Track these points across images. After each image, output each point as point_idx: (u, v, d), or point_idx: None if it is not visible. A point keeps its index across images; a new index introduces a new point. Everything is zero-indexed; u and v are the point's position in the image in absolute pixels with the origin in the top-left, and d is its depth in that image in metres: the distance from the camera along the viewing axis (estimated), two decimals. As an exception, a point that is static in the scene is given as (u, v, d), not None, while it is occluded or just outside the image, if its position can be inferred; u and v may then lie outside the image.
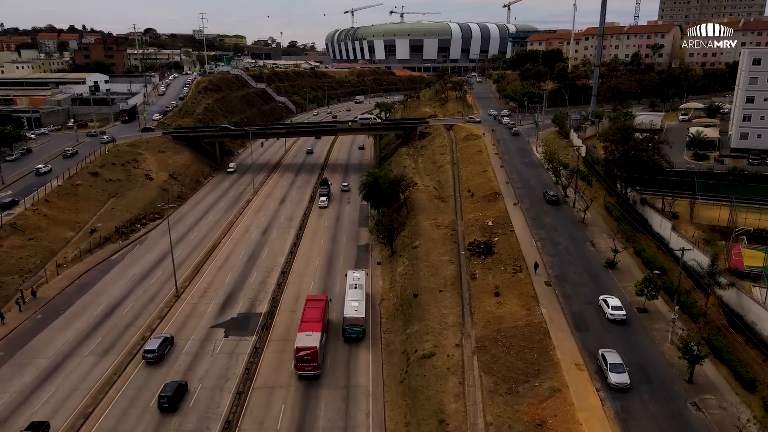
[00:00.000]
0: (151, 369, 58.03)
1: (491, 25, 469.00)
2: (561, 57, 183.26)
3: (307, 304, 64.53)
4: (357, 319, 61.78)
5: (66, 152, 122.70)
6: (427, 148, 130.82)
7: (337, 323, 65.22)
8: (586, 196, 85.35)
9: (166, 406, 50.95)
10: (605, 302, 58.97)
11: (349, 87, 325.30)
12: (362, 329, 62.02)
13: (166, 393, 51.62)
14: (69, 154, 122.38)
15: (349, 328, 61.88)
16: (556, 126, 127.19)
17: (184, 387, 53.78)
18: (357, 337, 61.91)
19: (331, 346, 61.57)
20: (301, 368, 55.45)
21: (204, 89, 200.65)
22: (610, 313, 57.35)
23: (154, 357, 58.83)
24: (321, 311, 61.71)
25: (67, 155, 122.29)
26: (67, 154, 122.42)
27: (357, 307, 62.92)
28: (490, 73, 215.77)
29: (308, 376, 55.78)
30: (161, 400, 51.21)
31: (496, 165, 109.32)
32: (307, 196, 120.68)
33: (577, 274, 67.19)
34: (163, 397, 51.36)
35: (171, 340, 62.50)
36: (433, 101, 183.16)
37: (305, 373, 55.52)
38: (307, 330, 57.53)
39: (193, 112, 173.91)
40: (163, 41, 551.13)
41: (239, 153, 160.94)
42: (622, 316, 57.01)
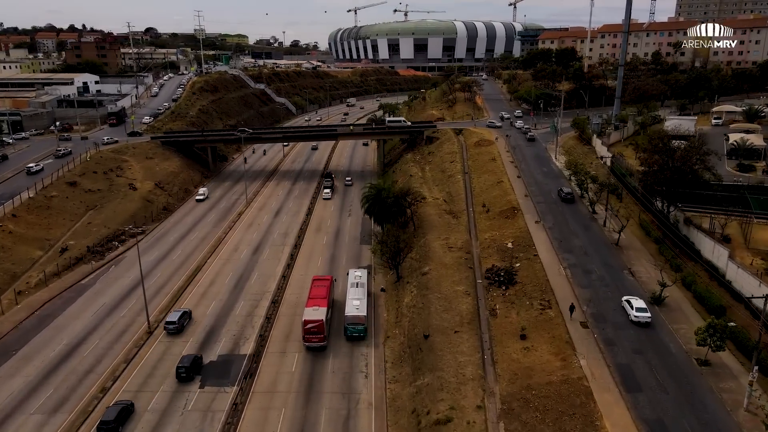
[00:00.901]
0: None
1: (497, 24, 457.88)
2: (575, 56, 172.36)
3: (313, 283, 68.74)
4: (358, 317, 61.36)
5: (29, 169, 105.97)
6: (435, 154, 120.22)
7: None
8: (619, 213, 74.52)
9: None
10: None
11: (352, 87, 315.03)
12: (364, 328, 61.57)
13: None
14: (36, 170, 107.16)
15: (350, 327, 61.48)
16: (576, 130, 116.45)
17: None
18: (359, 336, 61.38)
19: (333, 347, 60.44)
20: (308, 340, 59.72)
21: (199, 90, 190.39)
22: (666, 367, 46.88)
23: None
24: (327, 289, 66.40)
25: (52, 160, 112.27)
26: (30, 170, 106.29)
27: (358, 305, 62.66)
28: (500, 72, 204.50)
29: (315, 348, 59.78)
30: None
31: (512, 175, 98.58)
32: (305, 207, 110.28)
33: (619, 313, 56.49)
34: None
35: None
36: (439, 103, 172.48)
37: (312, 344, 59.77)
38: (314, 305, 61.68)
39: (186, 114, 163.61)
40: (164, 41, 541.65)
41: (234, 158, 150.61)
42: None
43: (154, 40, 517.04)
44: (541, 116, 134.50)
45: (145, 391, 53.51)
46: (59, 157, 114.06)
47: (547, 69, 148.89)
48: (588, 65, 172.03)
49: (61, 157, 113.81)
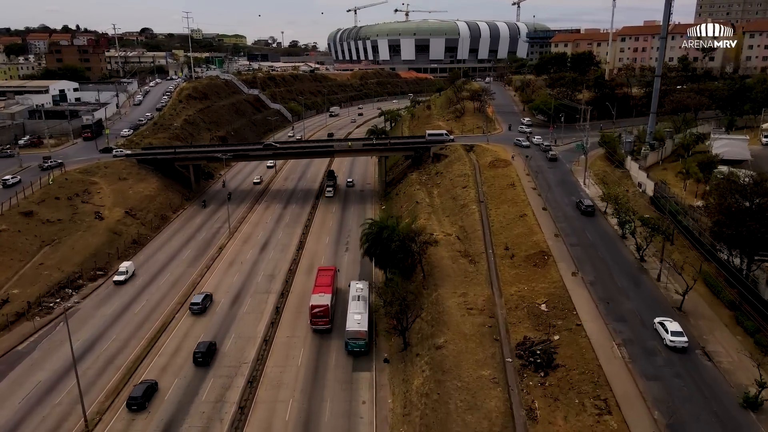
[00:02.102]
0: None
1: (500, 24, 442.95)
2: (593, 61, 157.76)
3: (318, 272, 74.14)
4: (359, 332, 60.32)
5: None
6: (444, 175, 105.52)
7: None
8: (677, 266, 59.70)
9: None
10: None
11: (351, 90, 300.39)
12: (365, 342, 60.47)
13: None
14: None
15: (351, 342, 60.45)
16: (605, 149, 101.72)
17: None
18: (360, 351, 60.17)
19: (335, 361, 59.72)
20: (315, 323, 64.40)
21: (187, 98, 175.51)
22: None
23: None
24: (331, 278, 70.97)
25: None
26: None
27: (360, 320, 61.47)
28: (510, 78, 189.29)
29: (321, 330, 64.50)
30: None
31: (536, 206, 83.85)
32: (296, 238, 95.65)
33: (705, 423, 41.89)
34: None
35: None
36: (445, 112, 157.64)
37: (319, 327, 64.45)
38: (320, 292, 66.45)
39: (170, 126, 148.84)
40: (160, 41, 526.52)
41: (221, 175, 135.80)
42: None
43: (149, 41, 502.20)
44: (562, 130, 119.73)
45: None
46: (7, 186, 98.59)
47: (567, 77, 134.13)
48: (608, 71, 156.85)
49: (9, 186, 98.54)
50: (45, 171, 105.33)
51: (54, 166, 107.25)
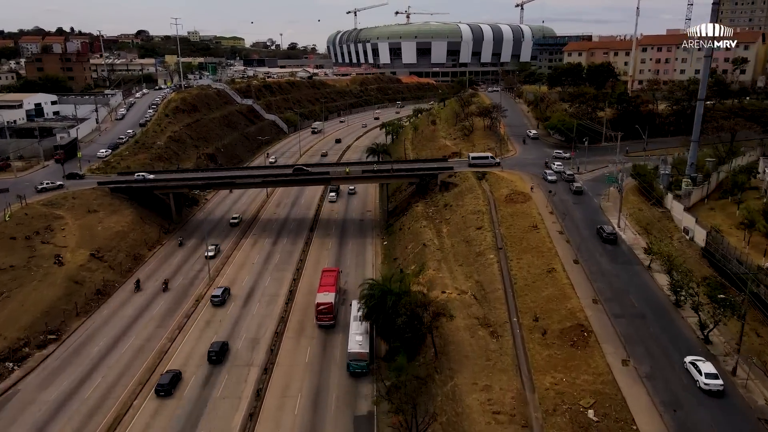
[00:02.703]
0: None
1: (504, 26, 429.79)
2: (613, 73, 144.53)
3: (323, 273, 77.52)
4: (361, 354, 59.86)
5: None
6: (454, 210, 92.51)
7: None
8: (761, 359, 46.75)
9: None
10: None
11: (351, 97, 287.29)
12: (366, 364, 59.97)
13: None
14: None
15: (353, 363, 59.96)
16: (637, 181, 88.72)
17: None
18: (362, 372, 59.70)
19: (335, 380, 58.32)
20: (320, 319, 69.28)
21: (174, 111, 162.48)
22: None
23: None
24: (334, 278, 75.07)
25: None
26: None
27: (361, 341, 61.14)
28: (520, 89, 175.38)
29: (326, 326, 69.17)
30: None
31: (566, 256, 70.90)
32: (285, 285, 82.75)
33: None
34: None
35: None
36: (452, 128, 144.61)
37: (323, 323, 69.29)
38: (324, 291, 71.46)
39: (153, 144, 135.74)
40: (156, 44, 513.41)
41: (205, 201, 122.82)
42: None
43: (145, 44, 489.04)
44: (585, 153, 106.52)
45: None
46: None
47: (587, 93, 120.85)
48: (630, 85, 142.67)
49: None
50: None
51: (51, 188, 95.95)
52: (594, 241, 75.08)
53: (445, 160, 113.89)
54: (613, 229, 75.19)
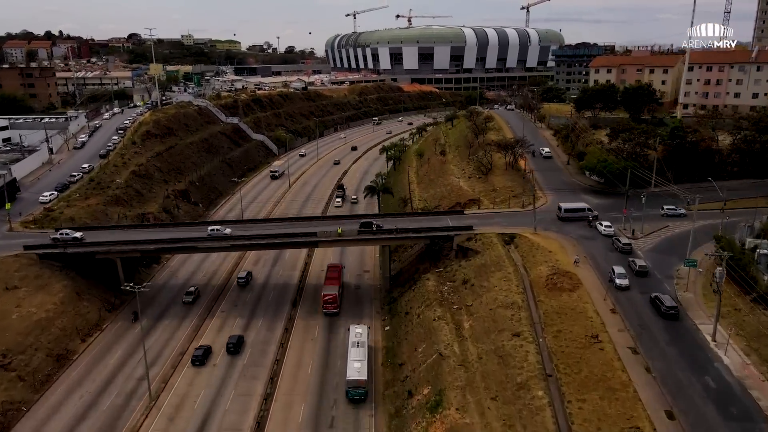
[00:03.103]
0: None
1: (509, 30, 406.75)
2: (653, 97, 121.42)
3: (328, 269, 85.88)
4: (360, 381, 59.60)
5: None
6: (477, 292, 69.89)
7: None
8: None
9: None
10: None
11: (350, 109, 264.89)
12: (365, 391, 59.77)
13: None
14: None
15: (352, 390, 59.67)
16: (724, 262, 65.59)
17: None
18: (360, 398, 59.48)
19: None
20: (326, 308, 77.12)
21: (144, 137, 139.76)
22: None
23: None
24: (338, 273, 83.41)
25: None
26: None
27: (359, 368, 60.63)
28: (540, 109, 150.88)
29: (331, 314, 77.17)
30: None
31: (652, 400, 48.16)
32: (253, 408, 60.25)
33: None
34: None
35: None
36: (464, 160, 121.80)
37: (329, 311, 77.24)
38: (329, 284, 79.17)
39: (111, 183, 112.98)
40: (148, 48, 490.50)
41: (169, 257, 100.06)
42: None
43: (136, 48, 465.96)
44: (641, 206, 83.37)
45: None
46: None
47: (635, 128, 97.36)
48: (679, 112, 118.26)
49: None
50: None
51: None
52: (685, 370, 52.30)
53: (461, 213, 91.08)
54: (729, 367, 51.79)
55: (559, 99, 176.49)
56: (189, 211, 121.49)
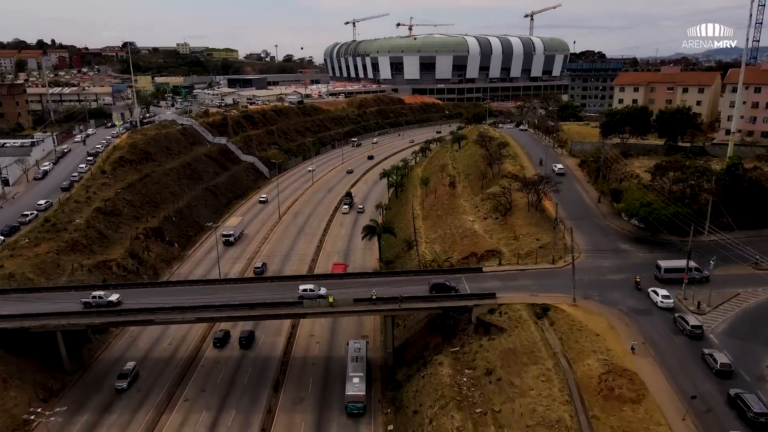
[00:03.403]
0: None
1: (513, 39, 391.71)
2: (694, 121, 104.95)
3: (333, 266, 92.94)
4: (359, 396, 61.19)
5: None
6: (507, 393, 53.56)
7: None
8: None
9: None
10: None
11: (348, 123, 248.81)
12: (363, 405, 61.27)
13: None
14: None
15: (350, 405, 61.21)
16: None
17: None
18: (359, 413, 60.90)
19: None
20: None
21: (116, 164, 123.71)
22: None
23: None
24: (343, 269, 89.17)
25: None
26: None
27: (358, 384, 62.01)
28: (558, 132, 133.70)
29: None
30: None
31: None
32: None
33: None
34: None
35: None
36: (477, 195, 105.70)
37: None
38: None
39: (69, 223, 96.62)
40: (142, 57, 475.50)
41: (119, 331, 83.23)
42: None
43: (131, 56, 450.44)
44: (711, 266, 67.20)
45: None
46: None
47: (685, 165, 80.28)
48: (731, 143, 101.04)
49: None
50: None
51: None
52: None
53: (479, 270, 74.69)
54: None
55: (576, 117, 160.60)
56: (161, 253, 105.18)
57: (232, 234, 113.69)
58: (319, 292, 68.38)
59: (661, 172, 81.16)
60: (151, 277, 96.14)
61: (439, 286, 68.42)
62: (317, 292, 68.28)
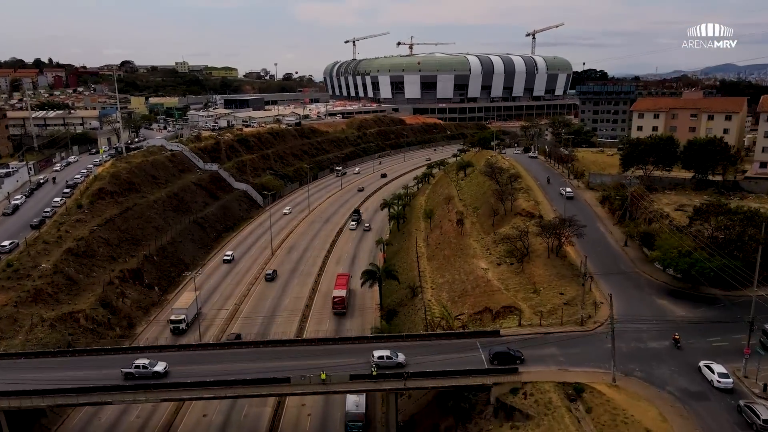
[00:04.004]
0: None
1: (515, 57, 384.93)
2: (727, 153, 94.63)
3: (337, 277, 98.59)
4: (358, 415, 61.98)
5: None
6: None
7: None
8: None
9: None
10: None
11: (348, 146, 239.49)
12: (362, 424, 61.35)
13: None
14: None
15: (350, 424, 61.49)
16: None
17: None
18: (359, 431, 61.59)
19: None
20: (335, 308, 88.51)
21: (95, 195, 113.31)
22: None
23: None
24: (346, 280, 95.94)
25: None
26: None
27: (357, 401, 63.11)
28: (573, 160, 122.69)
29: (339, 314, 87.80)
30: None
31: None
32: None
33: None
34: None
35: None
36: (489, 234, 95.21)
37: (337, 311, 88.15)
38: (338, 288, 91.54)
39: (34, 268, 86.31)
40: (140, 75, 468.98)
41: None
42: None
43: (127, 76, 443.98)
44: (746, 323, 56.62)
45: None
46: None
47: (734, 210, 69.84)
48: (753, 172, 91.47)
49: None
50: None
51: None
52: None
53: (496, 334, 63.75)
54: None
55: (589, 143, 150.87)
56: (139, 299, 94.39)
57: (183, 319, 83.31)
58: (398, 360, 56.63)
59: (703, 216, 70.54)
60: (125, 329, 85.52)
61: (502, 355, 57.49)
62: (396, 360, 56.56)
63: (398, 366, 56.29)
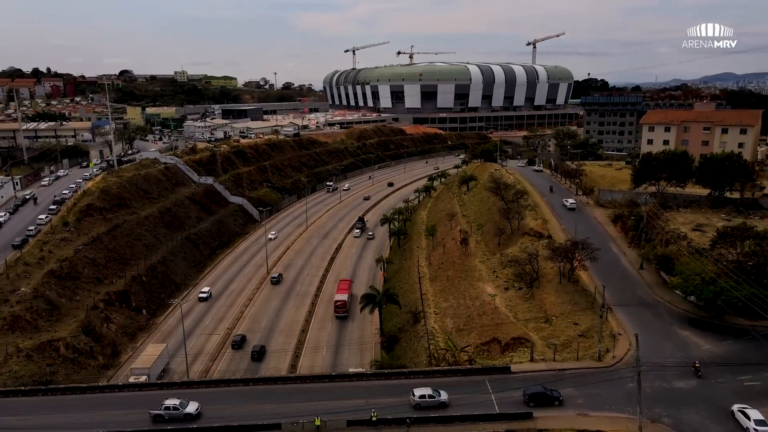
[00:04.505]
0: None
1: (516, 67, 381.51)
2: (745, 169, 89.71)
3: (340, 282, 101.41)
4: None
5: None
6: None
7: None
8: None
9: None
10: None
11: (347, 157, 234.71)
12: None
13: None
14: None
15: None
16: None
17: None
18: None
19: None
20: (337, 311, 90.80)
21: (83, 212, 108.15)
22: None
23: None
24: (348, 284, 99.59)
25: None
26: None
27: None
28: (581, 176, 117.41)
29: (341, 317, 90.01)
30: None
31: None
32: None
33: None
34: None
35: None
36: (495, 254, 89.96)
37: (339, 315, 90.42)
38: (341, 293, 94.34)
39: (13, 292, 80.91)
40: (138, 85, 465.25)
41: None
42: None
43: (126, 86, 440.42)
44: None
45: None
46: None
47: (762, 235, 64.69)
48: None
49: None
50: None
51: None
52: None
53: (506, 370, 58.40)
54: None
55: (596, 155, 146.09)
56: (125, 324, 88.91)
57: (146, 377, 68.61)
58: (441, 399, 52.21)
59: (728, 240, 65.35)
60: (108, 358, 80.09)
61: (539, 396, 52.30)
62: (438, 399, 52.21)
63: (441, 405, 52.09)
